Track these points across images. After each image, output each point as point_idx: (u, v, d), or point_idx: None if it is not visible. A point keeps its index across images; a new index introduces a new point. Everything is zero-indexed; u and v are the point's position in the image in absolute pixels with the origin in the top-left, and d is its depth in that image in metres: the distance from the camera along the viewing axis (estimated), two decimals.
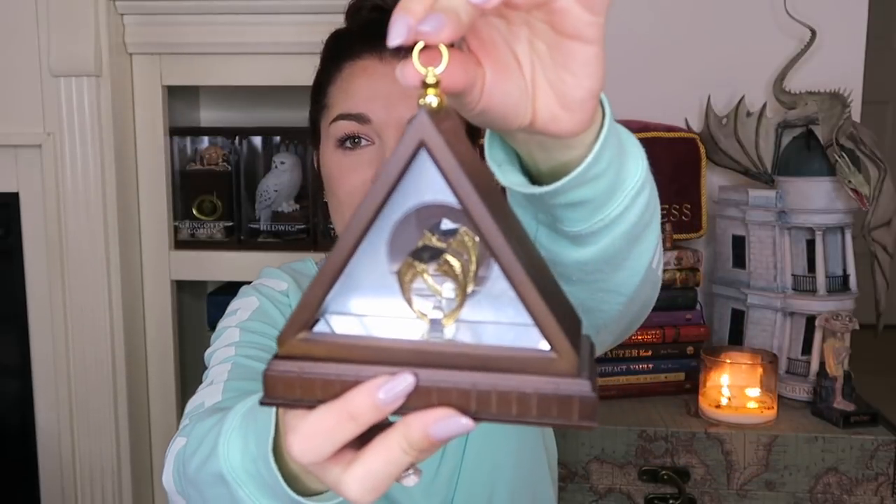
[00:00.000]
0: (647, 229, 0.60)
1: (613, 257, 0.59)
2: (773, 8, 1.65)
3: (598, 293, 0.64)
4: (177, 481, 0.72)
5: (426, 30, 0.38)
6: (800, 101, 1.56)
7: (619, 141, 0.54)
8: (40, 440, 1.62)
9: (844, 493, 1.34)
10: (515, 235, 0.41)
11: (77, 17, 1.46)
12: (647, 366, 1.49)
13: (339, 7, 1.13)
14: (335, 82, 0.91)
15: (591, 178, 0.52)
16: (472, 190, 0.39)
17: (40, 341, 1.60)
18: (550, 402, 0.39)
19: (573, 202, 0.53)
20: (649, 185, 0.58)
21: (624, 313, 0.67)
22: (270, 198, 1.63)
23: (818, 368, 1.43)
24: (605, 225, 0.55)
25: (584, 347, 0.42)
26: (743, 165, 1.60)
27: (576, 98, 0.46)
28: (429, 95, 0.40)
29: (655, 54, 1.70)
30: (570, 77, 0.45)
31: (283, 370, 0.42)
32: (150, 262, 1.62)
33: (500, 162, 0.54)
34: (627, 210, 0.55)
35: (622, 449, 1.37)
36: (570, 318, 0.42)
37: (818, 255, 1.47)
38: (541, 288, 0.39)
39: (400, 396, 0.40)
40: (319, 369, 0.41)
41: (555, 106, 0.47)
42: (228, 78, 1.57)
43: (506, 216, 0.41)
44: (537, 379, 0.39)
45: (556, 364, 0.39)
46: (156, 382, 1.65)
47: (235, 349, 0.89)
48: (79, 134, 1.50)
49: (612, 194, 0.54)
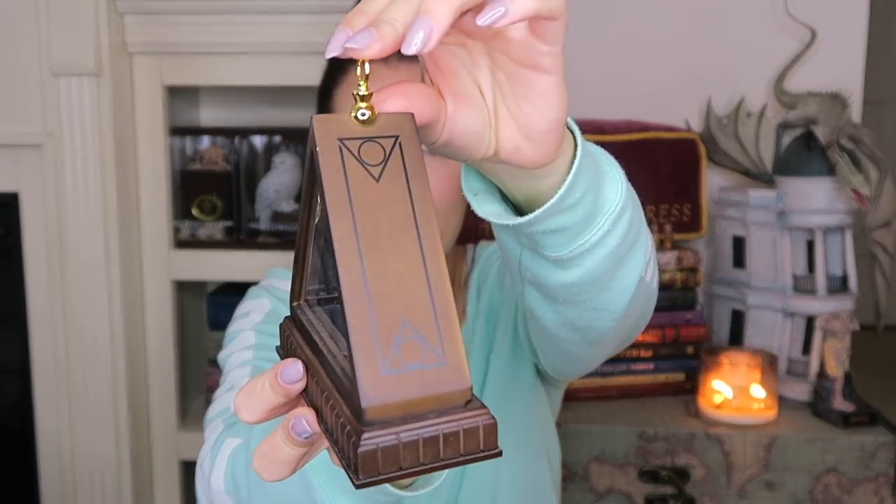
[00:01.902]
0: (633, 248, 0.59)
1: (599, 279, 0.58)
2: (773, 8, 1.65)
3: (587, 312, 0.63)
4: (230, 482, 0.73)
5: (353, 46, 0.38)
6: (800, 101, 1.57)
7: (596, 164, 0.53)
8: (40, 440, 1.62)
9: (844, 493, 1.34)
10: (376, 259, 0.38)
11: (77, 16, 1.46)
12: (647, 366, 1.49)
13: (340, 7, 1.13)
14: (341, 86, 0.91)
15: (567, 208, 0.51)
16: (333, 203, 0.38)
17: (40, 341, 1.60)
18: (342, 437, 0.38)
19: (551, 230, 0.53)
20: (631, 205, 0.57)
21: (617, 329, 0.66)
22: (270, 198, 1.63)
23: (818, 369, 1.43)
24: (587, 249, 0.54)
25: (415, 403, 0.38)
26: (743, 166, 1.60)
27: (537, 129, 0.45)
28: (360, 108, 0.40)
29: (656, 54, 1.70)
30: (530, 108, 0.44)
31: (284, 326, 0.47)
32: (150, 262, 1.62)
33: (477, 191, 0.53)
34: (609, 234, 0.54)
35: (622, 449, 1.37)
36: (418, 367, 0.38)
37: (818, 256, 1.47)
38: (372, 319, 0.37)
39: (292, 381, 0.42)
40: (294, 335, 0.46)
41: (518, 137, 0.46)
42: (228, 78, 1.57)
43: (376, 243, 0.38)
44: (346, 412, 0.38)
45: (353, 403, 0.37)
46: (156, 382, 1.65)
47: (253, 353, 0.89)
48: (79, 134, 1.50)
49: (590, 220, 0.53)
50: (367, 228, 0.38)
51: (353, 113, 0.40)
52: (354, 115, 0.40)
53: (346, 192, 0.38)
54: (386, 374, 0.36)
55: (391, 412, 0.36)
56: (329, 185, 0.38)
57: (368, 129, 0.40)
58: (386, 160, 0.40)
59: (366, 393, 0.35)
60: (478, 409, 0.38)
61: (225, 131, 1.67)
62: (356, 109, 0.40)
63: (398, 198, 0.39)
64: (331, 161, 0.39)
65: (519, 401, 0.96)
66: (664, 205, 1.55)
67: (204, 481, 0.77)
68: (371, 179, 0.39)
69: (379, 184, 0.39)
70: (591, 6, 1.70)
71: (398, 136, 0.40)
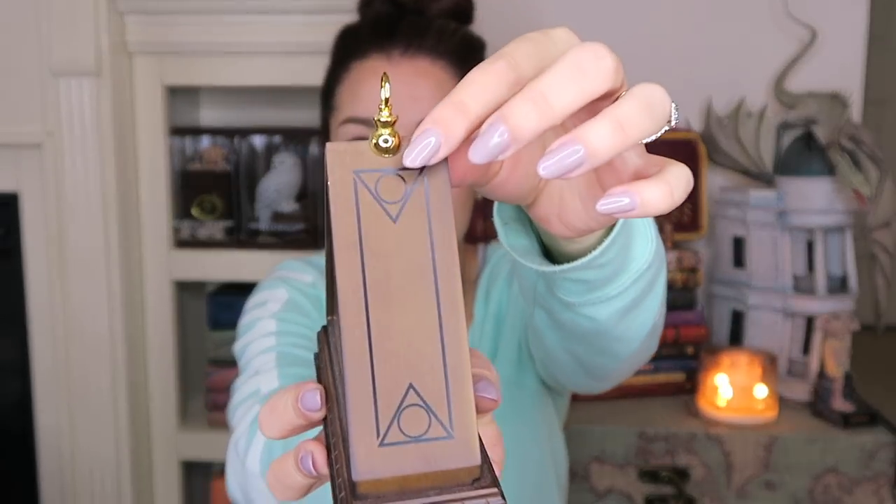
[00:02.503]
0: (651, 299, 0.57)
1: (610, 330, 0.56)
2: (773, 8, 1.65)
3: (593, 354, 0.61)
4: (265, 463, 0.72)
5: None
6: (800, 101, 1.57)
7: (629, 224, 0.50)
8: (40, 440, 1.62)
9: (844, 493, 1.34)
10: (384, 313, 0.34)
11: (77, 16, 1.46)
12: (646, 366, 1.49)
13: (341, 7, 1.13)
14: (343, 83, 0.90)
15: (596, 266, 0.49)
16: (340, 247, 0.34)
17: (40, 341, 1.60)
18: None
19: (573, 279, 0.51)
20: (656, 262, 0.54)
21: (623, 369, 0.65)
22: (270, 198, 1.63)
23: (818, 369, 1.43)
24: (602, 301, 0.53)
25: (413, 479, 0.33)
26: (743, 166, 1.60)
27: (576, 226, 0.43)
28: (382, 134, 0.35)
29: (656, 54, 1.70)
30: (581, 206, 0.42)
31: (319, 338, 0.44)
32: (151, 262, 1.61)
33: (507, 220, 0.50)
34: (628, 290, 0.53)
35: (622, 449, 1.37)
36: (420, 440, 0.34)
37: (818, 256, 1.47)
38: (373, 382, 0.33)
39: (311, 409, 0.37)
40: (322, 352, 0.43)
41: (554, 212, 0.43)
42: (228, 78, 1.57)
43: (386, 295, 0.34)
44: (342, 476, 0.34)
45: (343, 471, 0.34)
46: (156, 382, 1.65)
47: (276, 339, 0.87)
48: (79, 134, 1.50)
49: (614, 277, 0.51)
50: (377, 277, 0.34)
51: (373, 140, 0.35)
52: (375, 143, 0.35)
53: (356, 235, 0.34)
54: (383, 445, 0.32)
55: (386, 487, 0.32)
56: (337, 226, 0.34)
57: (390, 160, 0.35)
58: (406, 197, 0.35)
59: (357, 466, 0.32)
60: (486, 487, 0.33)
61: (225, 131, 1.67)
62: (377, 137, 0.35)
63: (417, 241, 0.34)
64: (342, 197, 0.34)
65: (524, 407, 0.95)
66: None
67: (238, 462, 0.75)
68: (387, 219, 0.34)
69: (396, 224, 0.34)
70: (592, 6, 1.70)
71: (423, 169, 0.35)
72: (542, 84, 0.32)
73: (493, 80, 0.33)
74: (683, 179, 0.36)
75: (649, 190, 0.34)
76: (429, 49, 0.87)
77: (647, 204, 0.34)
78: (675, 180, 0.36)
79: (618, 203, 0.34)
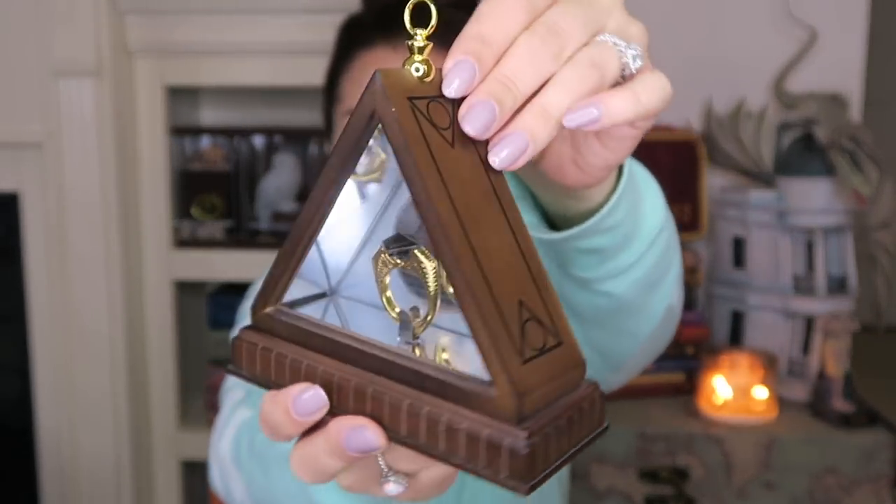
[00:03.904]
0: (667, 273, 0.56)
1: (629, 304, 0.55)
2: (773, 8, 1.65)
3: (612, 336, 0.60)
4: (235, 452, 0.72)
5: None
6: (800, 101, 1.57)
7: (636, 186, 0.50)
8: (40, 440, 1.62)
9: (844, 493, 1.34)
10: (479, 236, 0.33)
11: (78, 16, 1.46)
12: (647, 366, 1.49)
13: (341, 7, 1.13)
14: (347, 73, 0.89)
15: (606, 229, 0.48)
16: (425, 176, 0.32)
17: (40, 341, 1.60)
18: (477, 445, 0.32)
19: (585, 249, 0.50)
20: (668, 229, 0.54)
21: (642, 355, 0.65)
22: (270, 198, 1.63)
23: (818, 369, 1.43)
24: (619, 272, 0.52)
25: (549, 390, 0.33)
26: (743, 166, 1.60)
27: (591, 163, 0.42)
28: (415, 62, 0.34)
29: (656, 55, 1.70)
30: (596, 143, 0.42)
31: (248, 341, 0.38)
32: (151, 261, 1.62)
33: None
34: (643, 257, 0.52)
35: (622, 449, 1.37)
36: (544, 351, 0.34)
37: (818, 256, 1.47)
38: (496, 304, 0.32)
39: (311, 413, 0.35)
40: (279, 348, 0.37)
41: (567, 158, 0.43)
42: (228, 78, 1.57)
43: (474, 218, 0.33)
44: (472, 415, 0.32)
45: (492, 402, 0.32)
46: (156, 382, 1.65)
47: None
48: (79, 134, 1.50)
49: (627, 243, 0.51)
50: (462, 202, 0.33)
51: (407, 66, 0.34)
52: (408, 70, 0.34)
53: (432, 162, 0.33)
54: (526, 363, 0.32)
55: (535, 404, 0.32)
56: (415, 153, 0.32)
57: (430, 86, 0.34)
58: (452, 122, 0.34)
59: (516, 387, 0.31)
60: (591, 383, 0.36)
61: (225, 131, 1.67)
62: (410, 63, 0.34)
63: (475, 165, 0.34)
64: (408, 124, 0.33)
65: None
66: None
67: (215, 445, 0.76)
68: (447, 145, 0.34)
69: (454, 150, 0.34)
70: None
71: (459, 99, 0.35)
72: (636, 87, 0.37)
73: (511, 12, 0.35)
74: (652, 85, 0.37)
75: (613, 98, 0.36)
76: (436, 39, 0.86)
77: (612, 112, 0.35)
78: (642, 87, 0.37)
79: (584, 113, 0.35)
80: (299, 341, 0.37)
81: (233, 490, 0.75)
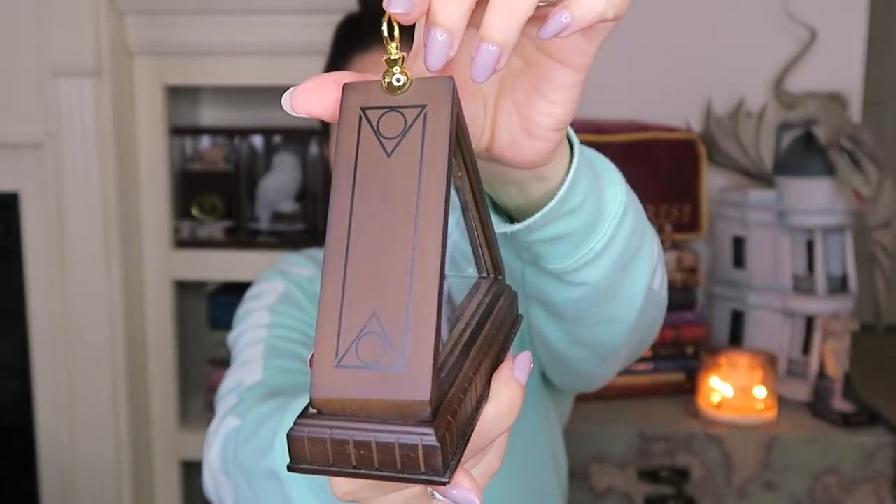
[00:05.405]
0: (639, 253, 0.56)
1: (606, 290, 0.55)
2: (773, 8, 1.65)
3: (596, 326, 0.60)
4: (223, 461, 0.73)
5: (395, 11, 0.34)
6: (800, 101, 1.57)
7: (593, 168, 0.51)
8: (40, 440, 1.62)
9: (844, 493, 1.34)
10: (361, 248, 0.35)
11: (77, 16, 1.46)
12: (646, 366, 1.49)
13: (340, 7, 1.13)
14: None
15: (567, 212, 0.49)
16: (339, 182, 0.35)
17: (40, 341, 1.60)
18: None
19: (552, 237, 0.50)
20: (633, 209, 0.54)
21: (628, 342, 0.64)
22: (270, 198, 1.63)
23: (818, 369, 1.43)
24: (591, 259, 0.52)
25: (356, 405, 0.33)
26: (743, 166, 1.60)
27: (541, 124, 0.42)
28: (395, 74, 0.36)
29: (656, 54, 1.70)
30: (540, 100, 0.41)
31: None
32: (151, 261, 1.62)
33: None
34: (613, 240, 0.52)
35: (621, 449, 1.37)
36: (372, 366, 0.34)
37: (818, 256, 1.47)
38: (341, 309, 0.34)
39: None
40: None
41: (516, 130, 0.42)
42: (228, 78, 1.57)
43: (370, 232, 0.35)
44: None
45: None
46: (156, 382, 1.65)
47: (268, 331, 0.86)
48: (79, 134, 1.50)
49: (593, 227, 0.51)
50: (363, 207, 0.35)
51: (386, 79, 0.36)
52: (389, 82, 0.36)
53: (351, 171, 0.35)
54: (339, 367, 0.33)
55: (338, 407, 0.33)
56: (337, 158, 0.36)
57: (396, 98, 0.36)
58: (404, 132, 0.35)
59: (315, 383, 0.34)
60: (426, 426, 0.33)
61: (225, 131, 1.67)
62: (390, 75, 0.36)
63: (407, 176, 0.35)
64: (347, 134, 0.36)
65: (525, 407, 0.94)
66: (664, 205, 1.55)
67: (206, 453, 0.76)
68: (382, 154, 0.35)
69: (389, 159, 0.35)
70: None
71: (425, 106, 0.36)
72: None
73: None
74: None
75: (579, 1, 0.36)
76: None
77: (581, 16, 0.36)
78: None
79: (555, 20, 0.35)
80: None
81: (224, 498, 0.76)
